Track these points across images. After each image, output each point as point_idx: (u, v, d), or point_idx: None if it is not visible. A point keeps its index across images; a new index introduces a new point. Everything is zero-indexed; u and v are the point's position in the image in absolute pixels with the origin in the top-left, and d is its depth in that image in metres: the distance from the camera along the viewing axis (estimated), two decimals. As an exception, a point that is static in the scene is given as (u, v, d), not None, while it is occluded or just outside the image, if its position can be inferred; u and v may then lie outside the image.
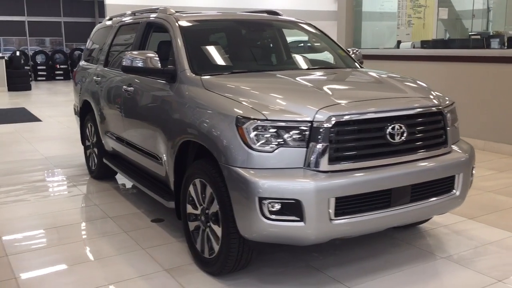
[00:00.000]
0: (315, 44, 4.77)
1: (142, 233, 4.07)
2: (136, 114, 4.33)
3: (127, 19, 5.16)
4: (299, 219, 2.81)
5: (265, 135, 2.87)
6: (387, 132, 3.02)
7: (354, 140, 2.98)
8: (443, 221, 4.28)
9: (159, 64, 3.73)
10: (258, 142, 2.87)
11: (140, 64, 3.74)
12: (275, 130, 2.88)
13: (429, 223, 4.18)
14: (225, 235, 3.08)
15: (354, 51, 4.83)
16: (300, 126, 2.88)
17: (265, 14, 4.82)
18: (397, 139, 3.06)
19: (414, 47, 8.43)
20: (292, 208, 2.80)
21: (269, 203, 2.80)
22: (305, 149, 2.88)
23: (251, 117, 2.90)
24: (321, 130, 2.87)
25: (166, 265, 3.47)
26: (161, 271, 3.39)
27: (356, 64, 4.48)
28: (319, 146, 2.86)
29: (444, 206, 3.33)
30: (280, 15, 4.89)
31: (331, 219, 2.85)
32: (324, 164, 2.86)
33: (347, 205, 2.90)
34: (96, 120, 5.35)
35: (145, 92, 4.20)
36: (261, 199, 2.80)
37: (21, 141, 8.19)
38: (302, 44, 5.63)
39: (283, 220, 2.82)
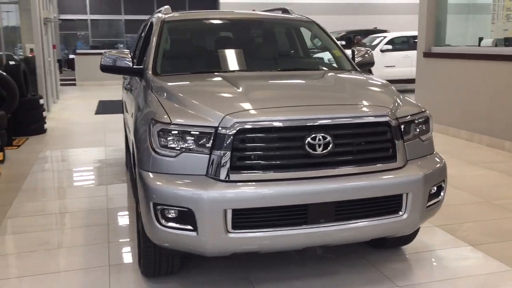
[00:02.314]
0: (310, 43, 4.47)
1: (121, 227, 4.22)
2: (127, 110, 4.49)
3: (151, 19, 5.32)
4: (192, 228, 2.70)
5: (169, 139, 2.79)
6: (306, 142, 2.75)
7: (263, 149, 2.76)
8: (435, 245, 3.78)
9: (130, 63, 3.81)
10: (161, 146, 2.80)
11: (114, 63, 3.85)
12: (179, 134, 2.78)
13: (418, 245, 3.71)
14: (142, 237, 3.07)
15: (368, 52, 4.38)
16: (204, 132, 2.75)
17: (267, 13, 4.64)
18: (319, 150, 2.76)
19: (496, 45, 7.45)
20: (185, 217, 2.70)
21: (163, 209, 2.73)
22: (208, 156, 2.74)
23: (159, 120, 2.84)
24: (224, 137, 2.71)
25: (113, 261, 3.55)
26: (105, 266, 3.48)
27: (350, 66, 4.08)
28: (221, 153, 2.70)
29: (386, 228, 2.94)
30: (289, 13, 4.67)
31: (228, 232, 2.68)
32: (225, 173, 2.70)
33: (247, 218, 2.71)
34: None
35: (131, 89, 4.33)
36: (155, 205, 2.74)
37: (98, 131, 8.92)
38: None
39: (177, 228, 2.73)
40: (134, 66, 3.83)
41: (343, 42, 15.69)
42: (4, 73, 7.48)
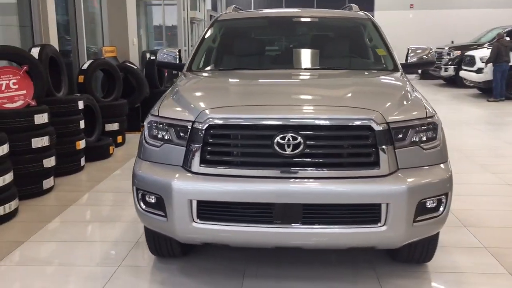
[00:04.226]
0: (359, 42, 4.23)
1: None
2: None
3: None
4: (163, 214, 2.88)
5: (155, 131, 3.02)
6: (275, 141, 2.73)
7: (233, 146, 2.82)
8: (468, 267, 3.38)
9: (177, 60, 4.12)
10: (150, 136, 3.04)
11: (165, 60, 4.20)
12: (164, 126, 2.98)
13: (447, 264, 3.36)
14: (144, 221, 3.34)
15: (429, 51, 3.99)
16: (184, 125, 2.91)
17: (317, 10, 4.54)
18: (288, 150, 2.72)
19: None
20: (158, 203, 2.90)
21: (143, 194, 2.97)
22: (184, 148, 2.89)
23: (151, 113, 3.09)
24: (198, 131, 2.83)
25: (144, 238, 3.89)
26: (132, 242, 3.83)
27: (392, 65, 3.80)
28: (194, 146, 2.84)
29: (363, 239, 2.76)
30: (353, 10, 4.51)
31: (193, 221, 2.81)
32: (195, 166, 2.83)
33: (212, 210, 2.80)
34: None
35: None
36: (137, 189, 3.00)
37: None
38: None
39: (152, 213, 2.94)
40: (178, 63, 4.13)
41: (507, 38, 14.06)
42: (136, 68, 8.46)
